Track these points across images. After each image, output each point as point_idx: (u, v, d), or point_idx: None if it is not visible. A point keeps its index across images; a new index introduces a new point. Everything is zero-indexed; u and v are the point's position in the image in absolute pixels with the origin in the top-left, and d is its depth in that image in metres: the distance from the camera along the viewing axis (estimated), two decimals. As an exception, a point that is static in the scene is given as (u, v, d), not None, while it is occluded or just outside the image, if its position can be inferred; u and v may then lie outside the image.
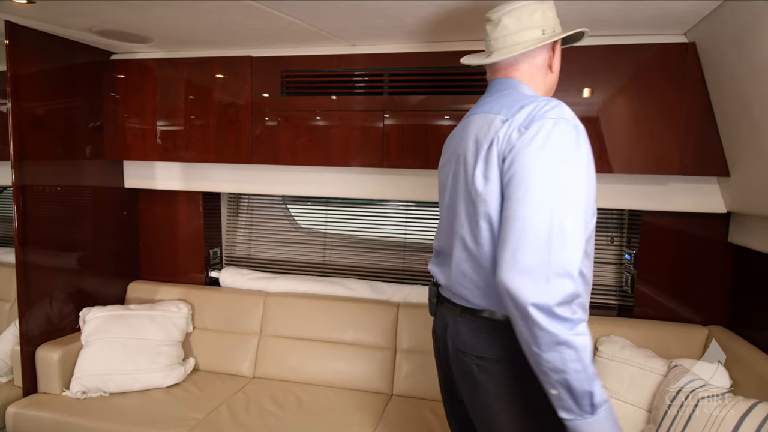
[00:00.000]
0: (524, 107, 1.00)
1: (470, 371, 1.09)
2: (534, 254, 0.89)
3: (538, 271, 0.89)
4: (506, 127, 1.00)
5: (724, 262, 2.02)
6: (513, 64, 1.15)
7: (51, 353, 2.07)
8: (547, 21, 1.12)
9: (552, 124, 0.96)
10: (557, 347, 0.88)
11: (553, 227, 0.90)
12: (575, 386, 0.90)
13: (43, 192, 2.11)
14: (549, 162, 0.93)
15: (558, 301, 0.88)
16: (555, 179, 0.92)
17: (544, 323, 0.88)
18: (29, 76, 2.01)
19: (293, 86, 2.18)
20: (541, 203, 0.91)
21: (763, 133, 1.45)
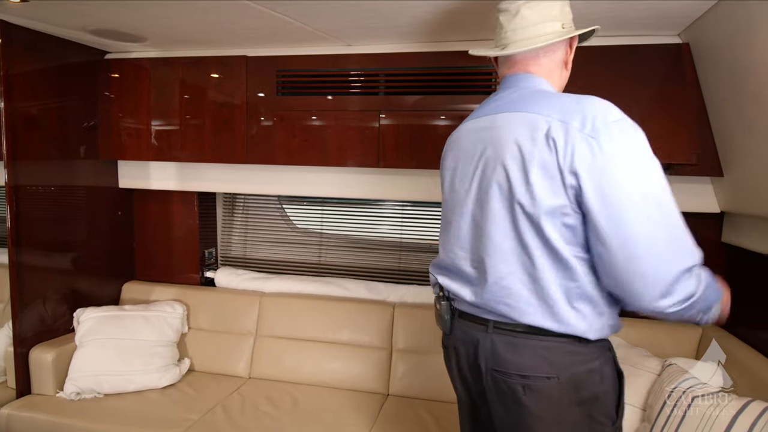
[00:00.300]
0: (573, 111, 0.93)
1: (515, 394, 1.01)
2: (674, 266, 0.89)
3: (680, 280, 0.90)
4: (563, 132, 0.92)
5: (717, 262, 2.03)
6: (534, 58, 1.08)
7: (45, 354, 2.06)
8: (565, 16, 1.09)
9: (619, 128, 0.91)
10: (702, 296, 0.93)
11: (671, 230, 0.90)
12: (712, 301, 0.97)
13: (37, 192, 2.10)
14: (638, 168, 0.90)
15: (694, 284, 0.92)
16: (650, 183, 0.90)
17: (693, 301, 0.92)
18: (22, 76, 2.00)
19: (289, 86, 2.18)
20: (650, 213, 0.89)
21: (756, 133, 1.46)
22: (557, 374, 0.97)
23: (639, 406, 1.73)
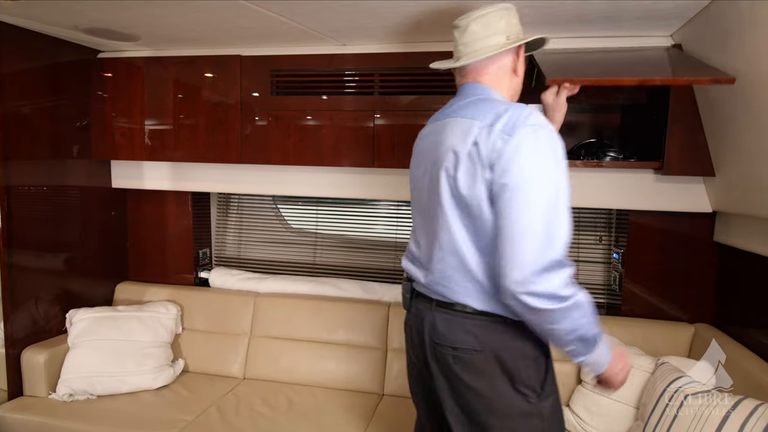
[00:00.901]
0: (501, 115, 1.06)
1: (447, 363, 1.16)
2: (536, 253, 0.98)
3: (545, 269, 0.98)
4: (486, 134, 1.05)
5: (710, 261, 2.05)
6: (482, 68, 1.21)
7: (37, 356, 2.04)
8: (511, 28, 1.20)
9: (532, 131, 1.03)
10: (568, 314, 1.00)
11: (551, 226, 1.00)
12: (587, 335, 1.03)
13: (29, 192, 2.08)
14: (540, 167, 1.01)
15: (561, 285, 0.99)
16: (548, 183, 1.01)
17: (556, 307, 0.99)
18: (14, 75, 1.98)
19: (283, 86, 2.17)
20: (537, 208, 0.99)
21: (747, 133, 1.47)
22: (482, 348, 1.11)
23: (632, 405, 1.74)
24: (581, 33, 1.83)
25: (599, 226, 2.34)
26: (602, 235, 2.34)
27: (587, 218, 2.35)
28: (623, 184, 1.99)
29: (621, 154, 1.95)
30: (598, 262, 2.35)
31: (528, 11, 1.60)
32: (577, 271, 2.33)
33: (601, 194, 2.02)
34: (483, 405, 1.13)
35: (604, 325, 2.03)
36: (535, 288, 0.98)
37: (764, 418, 1.28)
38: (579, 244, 2.36)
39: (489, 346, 1.11)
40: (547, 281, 0.98)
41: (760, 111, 1.36)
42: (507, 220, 1.01)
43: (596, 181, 2.01)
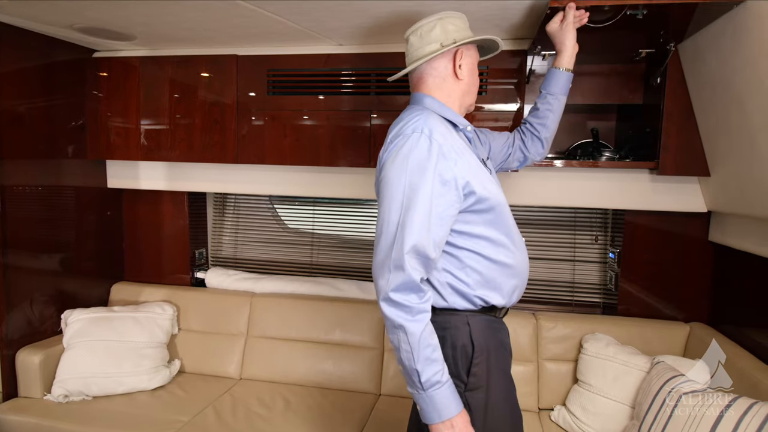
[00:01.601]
0: (398, 124, 1.16)
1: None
2: (382, 252, 1.07)
3: (384, 266, 1.06)
4: (386, 144, 1.16)
5: (705, 261, 2.06)
6: (420, 78, 1.26)
7: (32, 356, 2.03)
8: (446, 35, 1.22)
9: (403, 140, 1.10)
10: (394, 330, 1.06)
11: (399, 228, 1.06)
12: (405, 364, 1.07)
13: (24, 192, 2.07)
14: (397, 172, 1.08)
15: (393, 288, 1.05)
16: (403, 187, 1.07)
17: (384, 309, 1.06)
18: (9, 74, 1.97)
19: (280, 85, 2.17)
20: (390, 209, 1.07)
21: (741, 134, 1.48)
22: None
23: (628, 404, 1.75)
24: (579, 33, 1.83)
25: (595, 226, 2.35)
26: (598, 235, 2.35)
27: (583, 218, 2.36)
28: (619, 184, 2.00)
29: (617, 154, 1.96)
30: (594, 261, 2.36)
31: (525, 11, 1.60)
32: (573, 270, 2.36)
33: (596, 194, 2.03)
34: None
35: (601, 324, 2.06)
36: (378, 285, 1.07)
37: (759, 416, 1.29)
38: (575, 244, 2.37)
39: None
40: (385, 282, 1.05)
41: (754, 111, 1.37)
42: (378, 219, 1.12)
43: (592, 181, 2.02)
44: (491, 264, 1.17)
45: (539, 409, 2.04)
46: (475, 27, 1.60)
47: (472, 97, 1.30)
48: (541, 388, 2.05)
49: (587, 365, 1.90)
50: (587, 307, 2.35)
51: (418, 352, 1.05)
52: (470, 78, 1.28)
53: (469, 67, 1.27)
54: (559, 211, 2.37)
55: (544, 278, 2.39)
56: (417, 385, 1.06)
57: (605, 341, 1.92)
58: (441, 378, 1.06)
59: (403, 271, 1.04)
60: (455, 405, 1.07)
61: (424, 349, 1.05)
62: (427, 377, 1.05)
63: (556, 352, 2.06)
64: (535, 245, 2.39)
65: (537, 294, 2.40)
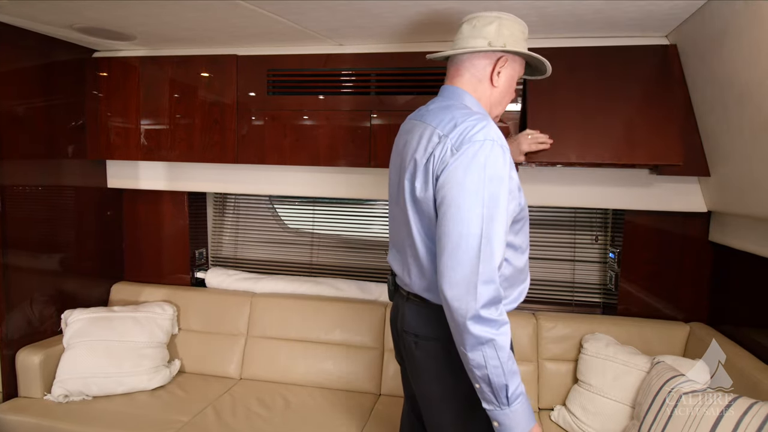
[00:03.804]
0: (458, 126, 1.09)
1: (411, 348, 1.24)
2: (466, 268, 1.01)
3: (469, 283, 1.01)
4: (441, 146, 1.09)
5: (704, 261, 2.06)
6: (458, 71, 1.23)
7: (32, 356, 2.03)
8: (498, 36, 1.18)
9: (478, 147, 1.04)
10: (480, 347, 1.01)
11: (482, 242, 1.02)
12: (494, 381, 1.03)
13: (24, 192, 2.07)
14: (476, 183, 1.03)
15: (483, 304, 1.01)
16: (483, 198, 1.03)
17: (471, 327, 1.01)
18: (9, 74, 1.97)
19: (280, 85, 2.17)
20: (471, 222, 1.02)
21: (741, 133, 1.48)
22: (439, 336, 1.17)
23: (628, 404, 1.75)
24: (577, 33, 1.84)
25: (595, 226, 2.35)
26: (598, 235, 2.35)
27: (583, 218, 2.36)
28: (619, 184, 2.00)
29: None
30: (594, 261, 2.36)
31: (525, 11, 1.61)
32: (573, 270, 2.36)
33: (597, 194, 2.03)
34: (442, 390, 1.18)
35: (601, 324, 2.07)
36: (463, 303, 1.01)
37: (759, 416, 1.29)
38: (575, 244, 2.37)
39: (446, 335, 1.15)
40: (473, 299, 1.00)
41: (754, 111, 1.37)
42: (442, 230, 1.05)
43: (592, 181, 2.02)
44: (513, 270, 1.21)
45: (539, 409, 2.04)
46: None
47: (501, 108, 1.28)
48: (541, 388, 2.05)
49: (587, 365, 1.90)
50: (587, 307, 2.35)
51: (507, 366, 1.02)
52: (505, 89, 1.25)
53: (508, 78, 1.24)
54: (559, 211, 2.37)
55: (544, 278, 2.39)
56: (503, 401, 1.03)
57: (605, 341, 1.92)
58: (523, 389, 1.05)
59: (494, 284, 1.02)
60: (532, 413, 1.07)
61: (510, 361, 1.03)
62: (512, 390, 1.03)
63: (556, 352, 2.06)
64: (536, 245, 2.39)
65: (537, 294, 2.40)
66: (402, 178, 1.19)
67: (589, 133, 1.85)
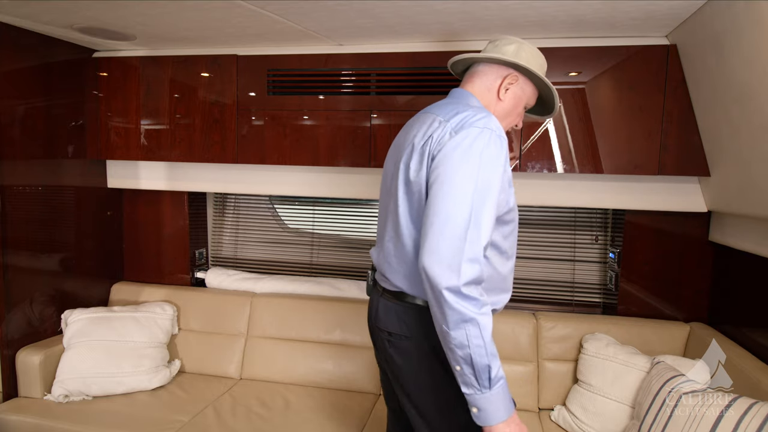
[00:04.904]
0: (459, 113, 1.12)
1: (384, 346, 1.25)
2: (452, 244, 1.02)
3: (453, 259, 1.01)
4: (440, 129, 1.12)
5: (705, 260, 2.06)
6: (472, 76, 1.29)
7: (32, 357, 2.03)
8: (515, 56, 1.24)
9: (477, 132, 1.07)
10: (463, 324, 1.01)
11: (470, 222, 1.03)
12: (476, 360, 1.02)
13: (24, 192, 2.07)
14: (471, 165, 1.05)
15: (465, 281, 1.01)
16: (476, 181, 1.05)
17: (453, 302, 1.00)
18: (8, 74, 1.97)
19: (280, 85, 2.17)
20: (463, 201, 1.04)
21: (741, 133, 1.48)
22: (412, 335, 1.18)
23: (628, 404, 1.75)
24: (577, 34, 1.84)
25: (595, 226, 2.35)
26: (598, 235, 2.35)
27: (583, 218, 2.36)
28: (619, 184, 2.00)
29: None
30: (594, 261, 2.36)
31: (525, 11, 1.61)
32: (573, 270, 2.36)
33: (597, 194, 2.03)
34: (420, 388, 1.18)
35: (601, 324, 2.07)
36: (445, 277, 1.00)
37: (759, 416, 1.29)
38: (575, 244, 2.37)
39: (419, 334, 1.17)
40: (457, 275, 1.00)
41: (755, 111, 1.37)
42: (431, 209, 1.06)
43: (592, 180, 2.02)
44: (496, 274, 1.22)
45: (539, 409, 2.04)
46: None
47: (504, 125, 1.30)
48: (541, 388, 2.05)
49: (587, 365, 1.90)
50: (587, 306, 2.35)
51: (490, 347, 1.02)
52: (511, 107, 1.29)
53: (515, 98, 1.28)
54: (559, 211, 2.37)
55: (544, 278, 2.39)
56: (485, 383, 1.02)
57: (605, 341, 1.92)
58: (503, 374, 1.05)
59: (478, 264, 1.02)
60: (512, 401, 1.07)
61: (492, 343, 1.03)
62: (495, 372, 1.03)
63: (556, 351, 2.06)
64: (535, 245, 2.39)
65: (537, 294, 2.40)
66: (398, 164, 1.21)
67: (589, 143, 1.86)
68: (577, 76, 1.87)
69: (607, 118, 1.86)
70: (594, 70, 1.85)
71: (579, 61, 1.86)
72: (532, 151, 1.93)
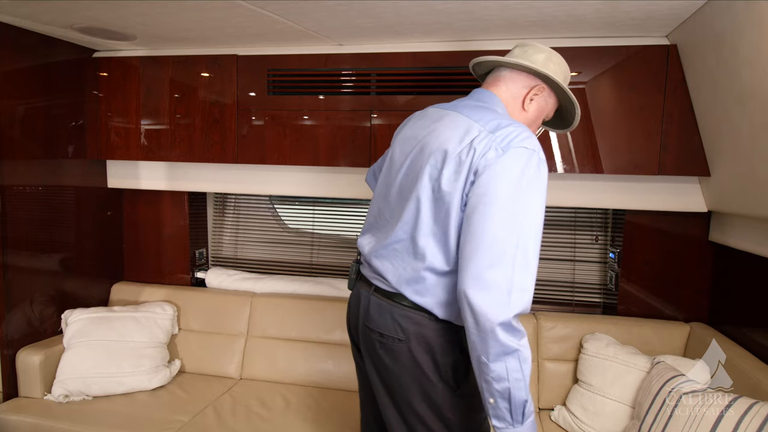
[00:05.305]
0: (503, 127, 1.06)
1: (374, 347, 1.21)
2: (500, 272, 0.97)
3: (502, 288, 0.96)
4: (485, 142, 1.05)
5: (705, 261, 2.06)
6: (496, 82, 1.25)
7: (32, 356, 2.03)
8: (544, 66, 1.21)
9: (528, 156, 1.03)
10: (504, 357, 0.97)
11: (518, 250, 0.98)
12: (514, 395, 0.99)
13: (24, 192, 2.07)
14: (522, 190, 1.01)
15: (515, 313, 0.97)
16: (526, 206, 1.01)
17: (500, 336, 0.96)
18: (8, 74, 1.97)
19: (280, 85, 2.17)
20: (511, 226, 0.99)
21: (741, 133, 1.48)
22: (406, 338, 1.14)
23: (628, 404, 1.75)
24: (577, 34, 1.83)
25: (595, 226, 2.35)
26: (598, 235, 2.35)
27: (583, 218, 2.36)
28: (619, 184, 2.00)
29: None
30: (594, 261, 2.36)
31: (525, 11, 1.61)
32: (573, 270, 2.36)
33: (597, 194, 2.03)
34: (405, 389, 1.16)
35: (601, 324, 2.06)
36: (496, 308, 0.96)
37: (759, 416, 1.29)
38: (576, 244, 2.37)
39: (413, 337, 1.14)
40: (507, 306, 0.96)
41: (755, 110, 1.37)
42: (476, 228, 1.00)
43: (592, 180, 2.02)
44: None
45: (539, 409, 2.04)
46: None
47: None
48: (541, 387, 2.05)
49: (587, 365, 1.90)
50: (587, 306, 2.35)
51: (527, 380, 1.00)
52: (533, 118, 1.26)
53: (539, 109, 1.26)
54: (559, 211, 2.37)
55: (544, 278, 2.39)
56: (518, 418, 1.00)
57: (605, 341, 1.92)
58: (533, 407, 1.04)
59: (528, 294, 0.99)
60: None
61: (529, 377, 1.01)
62: (529, 407, 1.01)
63: (556, 351, 2.06)
64: (536, 245, 2.38)
65: (537, 294, 2.40)
66: (422, 167, 1.13)
67: (589, 144, 1.86)
68: (578, 76, 1.87)
69: (608, 118, 1.86)
70: (594, 70, 1.85)
71: (579, 61, 1.85)
72: (532, 151, 1.93)
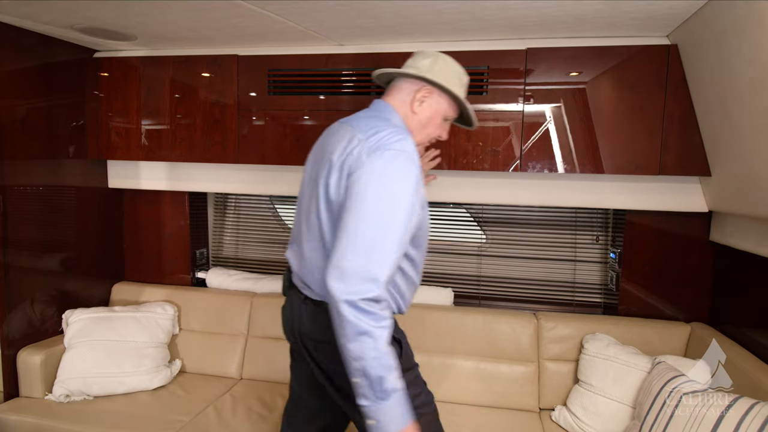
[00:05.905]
0: (378, 132, 1.15)
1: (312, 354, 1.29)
2: (355, 261, 1.04)
3: (353, 275, 1.04)
4: (359, 147, 1.14)
5: (705, 261, 2.06)
6: (390, 92, 1.34)
7: (33, 356, 2.03)
8: (429, 70, 1.28)
9: (394, 156, 1.11)
10: (359, 337, 1.03)
11: (375, 243, 1.06)
12: (371, 372, 1.03)
13: (25, 192, 2.07)
14: (384, 187, 1.09)
15: (362, 297, 1.03)
16: (386, 202, 1.08)
17: (349, 315, 1.02)
18: (9, 74, 1.97)
19: (280, 85, 2.17)
20: (371, 221, 1.07)
21: (742, 133, 1.48)
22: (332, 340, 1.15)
23: (629, 404, 1.75)
24: (578, 34, 1.83)
25: (596, 226, 2.35)
26: (599, 235, 2.35)
27: (584, 218, 2.36)
28: (620, 184, 2.00)
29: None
30: (595, 261, 2.36)
31: (525, 11, 1.61)
32: (574, 270, 2.36)
33: (597, 194, 2.03)
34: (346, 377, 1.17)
35: (602, 324, 2.06)
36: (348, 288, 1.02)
37: (760, 416, 1.28)
38: (576, 244, 2.37)
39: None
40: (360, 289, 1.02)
41: (755, 111, 1.37)
42: (342, 223, 1.09)
43: (593, 180, 2.02)
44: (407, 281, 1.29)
45: (540, 409, 2.04)
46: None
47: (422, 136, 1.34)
48: (541, 388, 2.05)
49: (588, 365, 1.90)
50: (588, 307, 2.35)
51: (386, 359, 1.03)
52: (426, 120, 1.32)
53: (431, 111, 1.32)
54: (560, 211, 2.37)
55: (544, 278, 2.39)
56: (378, 394, 1.04)
57: (606, 341, 1.92)
58: (400, 386, 1.06)
59: (376, 284, 1.04)
60: (408, 411, 1.07)
61: (389, 356, 1.04)
62: (390, 384, 1.04)
63: (557, 352, 2.06)
64: (536, 245, 2.38)
65: (538, 294, 2.40)
66: (317, 179, 1.24)
67: (589, 144, 1.86)
68: (578, 76, 1.86)
69: (608, 117, 1.86)
70: (595, 70, 1.85)
71: (580, 61, 1.85)
72: (533, 151, 1.93)
